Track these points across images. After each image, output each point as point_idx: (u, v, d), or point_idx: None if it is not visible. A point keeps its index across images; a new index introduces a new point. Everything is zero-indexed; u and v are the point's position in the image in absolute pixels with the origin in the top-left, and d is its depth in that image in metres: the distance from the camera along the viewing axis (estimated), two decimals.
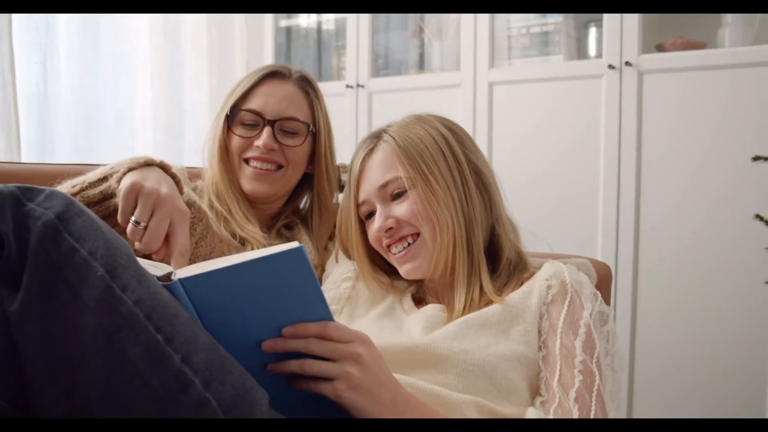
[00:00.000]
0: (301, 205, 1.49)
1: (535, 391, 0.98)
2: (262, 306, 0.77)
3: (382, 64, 2.77)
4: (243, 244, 1.29)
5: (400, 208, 1.09)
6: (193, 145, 2.61)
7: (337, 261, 1.25)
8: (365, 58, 2.69)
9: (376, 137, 1.15)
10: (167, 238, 1.01)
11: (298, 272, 0.75)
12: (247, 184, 1.34)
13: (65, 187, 1.15)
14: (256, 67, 2.84)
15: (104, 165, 1.36)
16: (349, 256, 1.22)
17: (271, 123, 1.32)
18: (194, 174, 1.47)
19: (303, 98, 1.37)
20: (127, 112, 2.42)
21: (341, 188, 1.52)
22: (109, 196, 1.08)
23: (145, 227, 0.99)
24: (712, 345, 2.05)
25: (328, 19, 2.93)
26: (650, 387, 2.15)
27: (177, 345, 0.68)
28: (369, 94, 2.66)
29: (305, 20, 2.97)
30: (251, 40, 2.87)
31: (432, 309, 1.07)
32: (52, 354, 0.68)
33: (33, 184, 1.32)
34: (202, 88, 2.65)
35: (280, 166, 1.34)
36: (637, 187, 2.15)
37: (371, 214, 1.14)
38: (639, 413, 2.16)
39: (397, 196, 1.10)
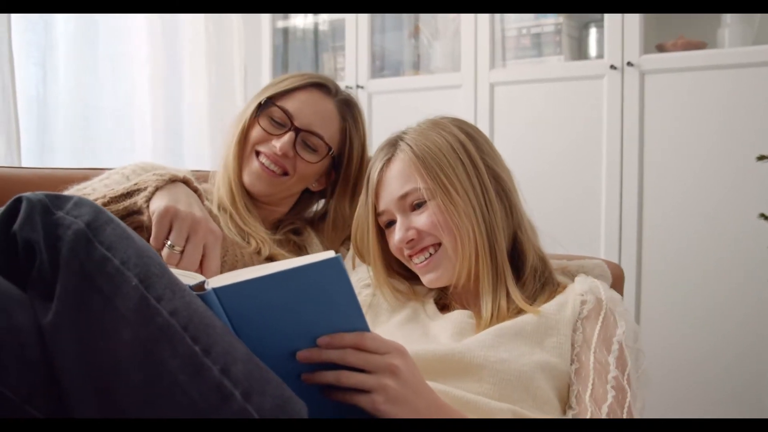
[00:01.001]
0: (307, 214, 1.48)
1: (564, 403, 0.97)
2: (297, 315, 0.76)
3: (379, 66, 2.75)
4: (248, 242, 1.28)
5: (420, 219, 1.08)
6: (191, 146, 2.59)
7: (354, 267, 1.24)
8: (364, 59, 2.68)
9: (392, 145, 1.14)
10: (201, 261, 1.01)
11: (335, 282, 0.74)
12: (247, 177, 1.33)
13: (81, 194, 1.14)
14: (254, 68, 2.85)
15: (110, 170, 1.35)
16: (364, 261, 1.21)
17: (297, 131, 1.31)
18: (200, 177, 1.46)
19: (337, 121, 1.36)
20: (125, 113, 2.40)
21: None
22: (134, 212, 1.08)
23: (181, 251, 0.99)
24: (716, 344, 2.06)
25: (324, 20, 2.92)
26: (653, 386, 2.15)
27: (215, 356, 0.67)
28: (369, 95, 2.65)
29: (302, 21, 2.96)
30: (249, 42, 2.86)
31: (460, 315, 1.06)
32: (88, 366, 0.67)
33: (40, 189, 1.31)
34: (200, 89, 2.64)
35: (285, 173, 1.33)
36: (640, 187, 2.16)
37: (391, 223, 1.14)
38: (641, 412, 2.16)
39: (417, 206, 1.09)
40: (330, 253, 0.75)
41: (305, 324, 0.77)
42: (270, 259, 1.26)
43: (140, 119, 2.44)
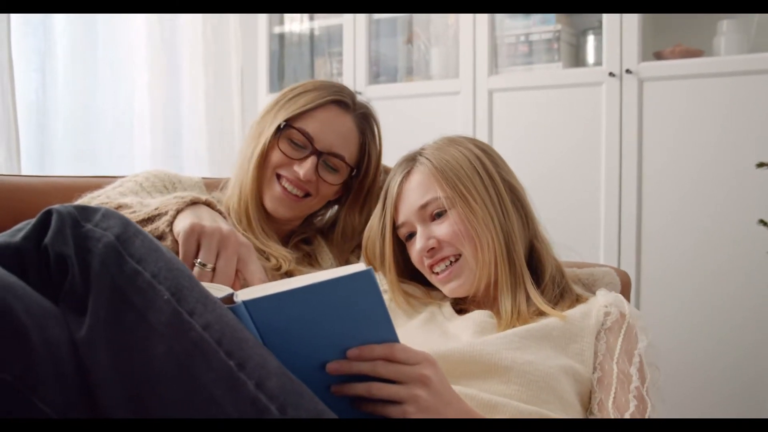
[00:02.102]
0: (318, 222, 1.47)
1: (585, 409, 0.99)
2: (327, 327, 0.76)
3: (375, 72, 2.76)
4: (268, 259, 1.27)
5: (441, 229, 1.11)
6: (190, 151, 2.59)
7: None
8: (362, 65, 2.68)
9: (411, 160, 1.18)
10: (237, 274, 0.99)
11: (366, 294, 0.75)
12: (270, 203, 1.31)
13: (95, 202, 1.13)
14: (250, 73, 2.84)
15: (122, 177, 1.35)
16: (376, 271, 1.22)
17: (319, 154, 1.28)
18: (210, 185, 1.45)
19: (357, 138, 1.34)
20: (125, 117, 2.40)
21: None
22: (157, 238, 1.06)
23: (213, 268, 0.96)
24: (714, 350, 2.08)
25: (320, 26, 2.92)
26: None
27: (249, 370, 0.67)
28: (367, 100, 2.64)
29: (298, 26, 2.96)
30: (246, 47, 2.86)
31: (479, 315, 1.07)
32: (122, 380, 0.67)
33: (44, 197, 1.30)
34: (198, 94, 2.64)
35: (308, 194, 1.31)
36: (639, 193, 2.17)
37: (411, 235, 1.16)
38: None
39: (437, 216, 1.12)
40: (361, 266, 0.75)
41: (335, 336, 0.77)
42: (288, 274, 1.25)
43: (139, 124, 2.44)
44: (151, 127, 2.46)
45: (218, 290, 0.79)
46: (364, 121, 1.37)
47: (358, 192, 1.39)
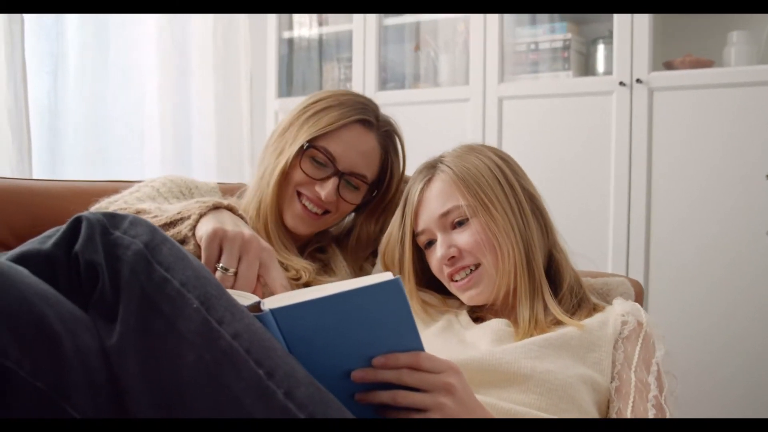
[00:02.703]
0: (334, 230, 1.47)
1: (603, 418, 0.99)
2: (353, 336, 0.76)
3: (383, 78, 2.76)
4: (287, 269, 1.27)
5: (462, 237, 1.11)
6: (199, 155, 2.59)
7: None
8: (372, 71, 2.69)
9: (431, 167, 1.18)
10: (258, 279, 0.99)
11: (393, 303, 0.75)
12: (291, 220, 1.30)
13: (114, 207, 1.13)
14: (259, 78, 2.85)
15: (135, 183, 1.35)
16: None
17: (341, 174, 1.28)
18: (225, 190, 1.45)
19: (379, 156, 1.33)
20: (135, 121, 2.40)
21: None
22: (179, 242, 1.05)
23: (235, 273, 0.97)
24: (722, 359, 2.08)
25: (329, 32, 2.93)
26: None
27: (278, 379, 0.68)
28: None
29: (307, 32, 2.97)
30: (255, 52, 2.86)
31: (497, 323, 1.08)
32: (152, 389, 0.67)
33: (52, 201, 1.30)
34: (208, 98, 2.64)
35: (327, 211, 1.31)
36: (648, 202, 2.18)
37: (430, 243, 1.16)
38: None
39: (458, 224, 1.12)
40: (388, 275, 0.76)
41: (360, 344, 0.77)
42: (307, 285, 1.25)
43: (149, 128, 2.45)
44: (160, 131, 2.46)
45: (244, 298, 0.80)
46: (388, 139, 1.35)
47: (378, 203, 1.38)
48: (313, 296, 0.75)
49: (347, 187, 1.30)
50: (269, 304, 0.76)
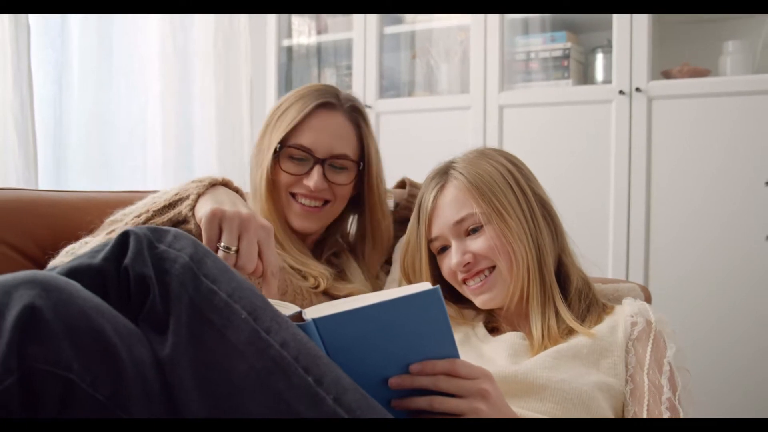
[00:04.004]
0: (349, 229, 1.47)
1: None
2: (392, 344, 0.79)
3: (384, 86, 2.78)
4: (305, 278, 1.29)
5: (477, 243, 1.13)
6: (202, 162, 2.61)
7: None
8: (372, 78, 2.71)
9: (444, 173, 1.19)
10: (260, 256, 1.00)
11: (432, 312, 0.78)
12: (296, 221, 1.32)
13: (128, 219, 1.14)
14: (260, 85, 2.86)
15: (160, 191, 1.36)
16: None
17: (322, 161, 1.29)
18: None
19: (353, 131, 1.34)
20: (138, 128, 2.41)
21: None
22: (180, 222, 1.07)
23: (236, 251, 0.97)
24: (721, 365, 2.12)
25: (328, 39, 2.95)
26: None
27: (327, 386, 0.70)
28: (376, 114, 2.68)
29: (306, 39, 3.00)
30: (255, 59, 2.88)
31: (513, 337, 1.10)
32: (206, 397, 0.69)
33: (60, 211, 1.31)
34: (209, 105, 2.66)
35: (327, 201, 1.32)
36: (647, 209, 2.22)
37: (444, 249, 1.18)
38: None
39: (472, 231, 1.14)
40: (427, 285, 0.78)
41: (398, 351, 0.80)
42: (326, 293, 1.27)
43: (152, 135, 2.46)
44: (163, 137, 2.48)
45: (284, 308, 0.82)
46: (355, 112, 1.35)
47: (371, 186, 1.37)
48: (353, 306, 0.77)
49: (333, 170, 1.31)
50: (311, 313, 0.79)
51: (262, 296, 0.76)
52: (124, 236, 0.77)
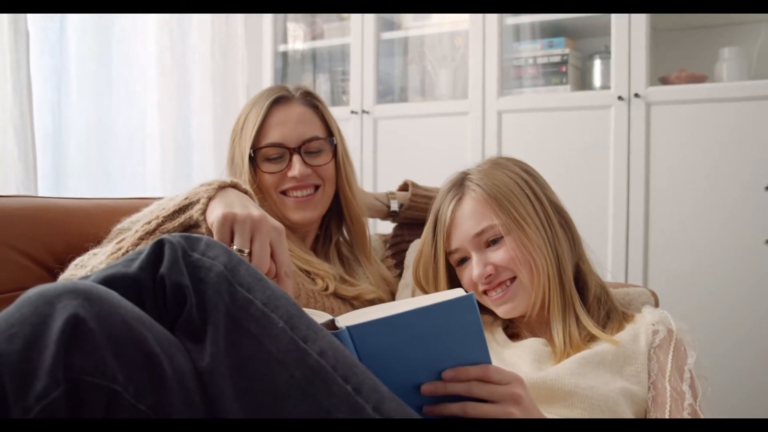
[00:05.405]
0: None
1: None
2: (425, 350, 0.79)
3: (381, 91, 2.78)
4: (314, 281, 1.29)
5: (498, 255, 1.13)
6: (200, 169, 2.60)
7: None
8: (370, 83, 2.72)
9: (460, 185, 1.19)
10: (273, 257, 1.00)
11: (466, 318, 0.78)
12: (294, 215, 1.33)
13: (137, 226, 1.14)
14: (256, 90, 2.87)
15: (166, 198, 1.36)
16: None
17: (297, 150, 1.32)
18: None
19: (313, 114, 1.37)
20: (137, 136, 2.41)
21: (392, 216, 1.53)
22: (191, 226, 1.07)
23: (249, 253, 0.98)
24: (720, 368, 2.14)
25: (323, 45, 2.96)
26: None
27: (365, 394, 0.70)
28: (374, 120, 2.68)
29: (301, 45, 3.00)
30: (251, 65, 2.88)
31: (535, 343, 1.10)
32: (247, 406, 0.69)
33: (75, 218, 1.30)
34: (206, 111, 2.66)
35: (317, 187, 1.35)
36: (646, 214, 2.24)
37: (463, 260, 1.18)
38: None
39: (492, 242, 1.14)
40: (460, 291, 0.79)
41: (431, 358, 0.80)
42: (334, 294, 1.28)
43: (150, 141, 2.45)
44: (161, 144, 2.47)
45: (317, 316, 0.82)
46: (309, 97, 1.38)
47: (346, 162, 1.40)
48: (386, 313, 0.78)
49: (310, 155, 1.33)
50: (343, 321, 0.79)
51: (296, 304, 0.76)
52: (159, 244, 0.76)
